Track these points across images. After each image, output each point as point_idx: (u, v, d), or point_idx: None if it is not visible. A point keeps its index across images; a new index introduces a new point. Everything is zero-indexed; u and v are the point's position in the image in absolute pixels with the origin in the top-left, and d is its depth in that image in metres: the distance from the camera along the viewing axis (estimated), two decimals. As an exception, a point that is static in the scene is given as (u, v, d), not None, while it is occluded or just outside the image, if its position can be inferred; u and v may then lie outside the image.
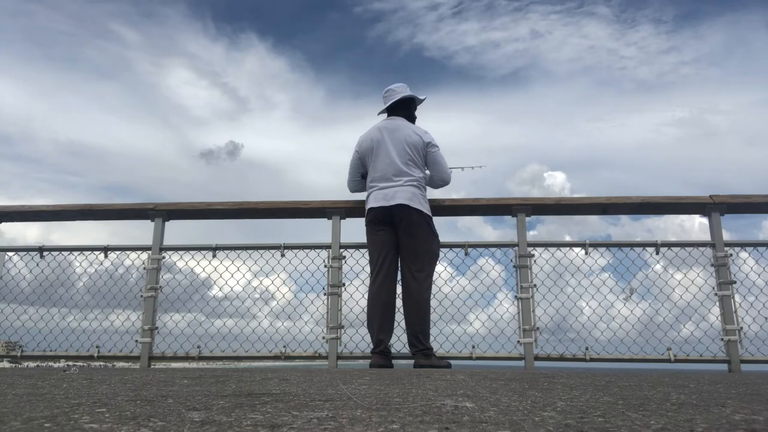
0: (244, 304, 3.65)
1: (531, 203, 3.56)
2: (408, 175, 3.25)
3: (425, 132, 3.37)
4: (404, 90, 3.47)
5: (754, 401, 0.78)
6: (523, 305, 3.36)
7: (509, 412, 0.62)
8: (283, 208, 3.71)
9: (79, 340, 3.59)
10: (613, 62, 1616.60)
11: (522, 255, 3.44)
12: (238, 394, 0.81)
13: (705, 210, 3.48)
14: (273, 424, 0.52)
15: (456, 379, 1.26)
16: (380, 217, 3.25)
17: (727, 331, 3.23)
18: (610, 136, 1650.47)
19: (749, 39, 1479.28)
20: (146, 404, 0.68)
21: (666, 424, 0.54)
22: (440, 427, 0.51)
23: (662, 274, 3.53)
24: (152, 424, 0.51)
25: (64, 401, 0.70)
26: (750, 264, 3.43)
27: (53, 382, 1.02)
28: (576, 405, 0.71)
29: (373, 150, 3.35)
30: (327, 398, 0.76)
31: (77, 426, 0.50)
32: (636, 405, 0.71)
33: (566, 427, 0.52)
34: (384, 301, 3.19)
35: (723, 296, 3.30)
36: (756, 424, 0.54)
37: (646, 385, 1.08)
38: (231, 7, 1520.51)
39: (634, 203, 3.53)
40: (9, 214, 3.90)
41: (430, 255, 3.26)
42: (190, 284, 3.68)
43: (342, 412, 0.61)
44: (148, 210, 3.71)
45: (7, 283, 3.78)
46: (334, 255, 3.54)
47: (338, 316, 3.45)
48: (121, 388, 0.89)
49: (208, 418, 0.55)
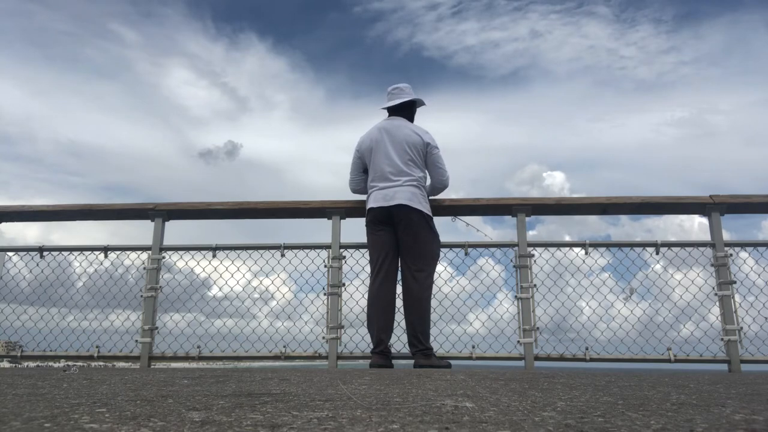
0: (244, 304, 3.66)
1: (531, 203, 3.57)
2: (408, 175, 3.25)
3: (425, 132, 3.36)
4: (411, 92, 3.48)
5: (754, 401, 0.78)
6: (523, 305, 3.36)
7: (509, 412, 0.62)
8: (283, 208, 3.71)
9: (79, 340, 3.59)
10: (613, 62, 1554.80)
11: (522, 255, 3.44)
12: (238, 394, 0.81)
13: (705, 210, 3.48)
14: (273, 424, 0.52)
15: (456, 379, 1.26)
16: (380, 217, 3.25)
17: (727, 331, 3.23)
18: (610, 136, 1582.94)
19: (749, 39, 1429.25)
20: (146, 404, 0.68)
21: (666, 424, 0.54)
22: (440, 427, 0.51)
23: (662, 274, 3.54)
24: (152, 424, 0.51)
25: (64, 401, 0.70)
26: (750, 264, 3.44)
27: (53, 382, 1.02)
28: (576, 405, 0.71)
29: (373, 150, 3.35)
30: (327, 398, 0.76)
31: (77, 426, 0.50)
32: (636, 405, 0.71)
33: (566, 427, 0.52)
34: (384, 301, 3.18)
35: (723, 296, 3.30)
36: (756, 424, 0.54)
37: (646, 385, 1.08)
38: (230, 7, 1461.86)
39: (634, 203, 3.53)
40: (9, 214, 3.90)
41: (431, 255, 3.26)
42: (189, 284, 3.69)
43: (342, 412, 0.61)
44: (148, 210, 3.71)
45: (7, 283, 3.78)
46: (334, 255, 3.54)
47: (338, 316, 3.45)
48: (121, 388, 0.89)
49: (208, 418, 0.55)
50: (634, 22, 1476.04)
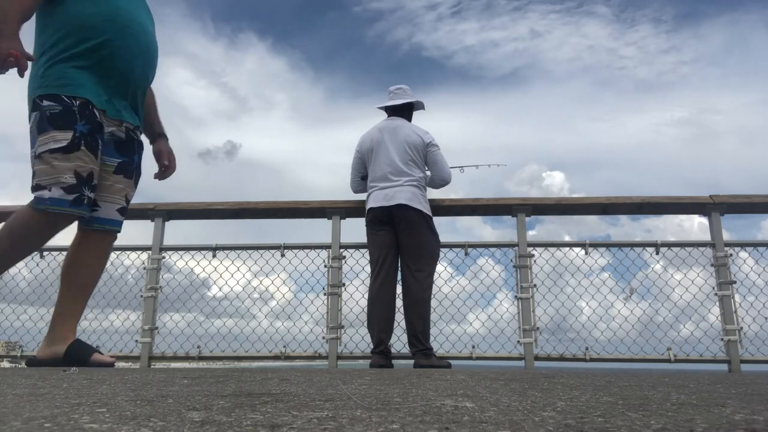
0: (244, 304, 3.66)
1: (531, 203, 3.57)
2: (408, 175, 3.25)
3: (426, 132, 3.37)
4: (411, 94, 3.50)
5: (754, 401, 0.78)
6: (523, 305, 3.36)
7: (509, 412, 0.62)
8: (283, 208, 3.71)
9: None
10: (613, 62, 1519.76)
11: (522, 255, 3.45)
12: (238, 394, 0.81)
13: (705, 210, 3.48)
14: (273, 424, 0.52)
15: (456, 379, 1.26)
16: (380, 217, 3.25)
17: (727, 331, 3.23)
18: (610, 136, 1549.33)
19: (749, 39, 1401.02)
20: (146, 404, 0.68)
21: (666, 424, 0.54)
22: (440, 427, 0.51)
23: (662, 274, 3.54)
24: (152, 424, 0.51)
25: (64, 401, 0.70)
26: (750, 264, 3.44)
27: (53, 382, 1.02)
28: (576, 405, 0.71)
29: (374, 150, 3.35)
30: (327, 398, 0.76)
31: (77, 426, 0.50)
32: (636, 405, 0.71)
33: (566, 427, 0.52)
34: (384, 301, 3.19)
35: (723, 296, 3.30)
36: (756, 424, 0.55)
37: (646, 385, 1.08)
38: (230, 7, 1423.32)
39: (634, 203, 3.54)
40: (9, 214, 3.89)
41: (431, 255, 3.26)
42: (189, 284, 3.69)
43: (342, 412, 0.61)
44: (147, 210, 3.71)
45: (7, 283, 3.78)
46: (334, 255, 3.55)
47: (338, 316, 3.45)
48: (121, 388, 0.89)
49: (208, 418, 0.55)
50: (634, 22, 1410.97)
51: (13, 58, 2.06)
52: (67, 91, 2.23)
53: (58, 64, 2.26)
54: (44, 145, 2.20)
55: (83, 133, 2.23)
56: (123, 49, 2.37)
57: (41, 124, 2.21)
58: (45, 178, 2.20)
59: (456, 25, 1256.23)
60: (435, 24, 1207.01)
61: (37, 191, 2.22)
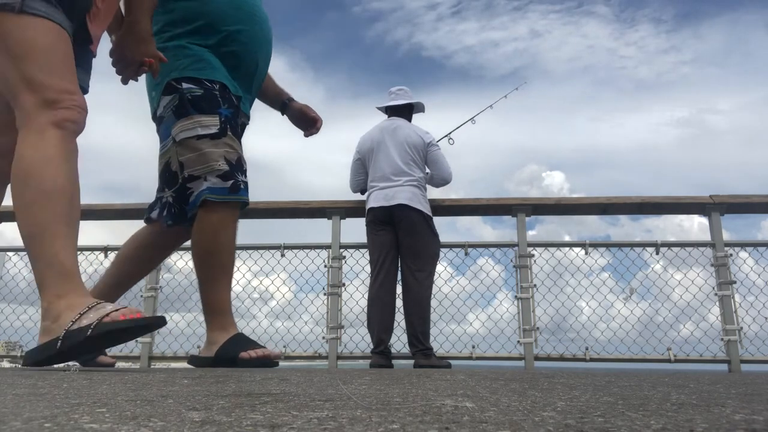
0: (244, 304, 3.66)
1: (531, 203, 3.57)
2: (408, 175, 3.26)
3: (426, 132, 3.38)
4: (412, 96, 3.51)
5: (754, 401, 0.78)
6: (523, 305, 3.36)
7: (509, 412, 0.62)
8: (283, 208, 3.72)
9: (79, 340, 3.59)
10: (613, 62, 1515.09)
11: (522, 255, 3.45)
12: (238, 394, 0.81)
13: (705, 210, 3.49)
14: (273, 424, 0.52)
15: (456, 379, 1.26)
16: (380, 217, 3.26)
17: (727, 331, 3.24)
18: (610, 135, 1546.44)
19: (749, 39, 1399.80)
20: (146, 404, 0.68)
21: (666, 424, 0.54)
22: (440, 427, 0.51)
23: (662, 274, 3.54)
24: (152, 424, 0.51)
25: (64, 401, 0.70)
26: (750, 264, 3.44)
27: (53, 382, 1.02)
28: (576, 405, 0.71)
29: (374, 150, 3.36)
30: (327, 398, 0.76)
31: (77, 426, 0.50)
32: (636, 405, 0.71)
33: (566, 427, 0.52)
34: (384, 301, 3.19)
35: (723, 296, 3.30)
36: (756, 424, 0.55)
37: (646, 385, 1.08)
38: None
39: (634, 203, 3.54)
40: (9, 214, 3.89)
41: (431, 255, 3.26)
42: (190, 284, 3.69)
43: (342, 412, 0.61)
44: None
45: (7, 283, 3.78)
46: (334, 255, 3.55)
47: (338, 316, 3.45)
48: (121, 388, 0.89)
49: (208, 418, 0.55)
50: (634, 22, 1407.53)
51: (148, 66, 1.86)
52: (205, 74, 2.07)
53: (192, 47, 2.09)
54: (189, 130, 2.02)
55: (228, 116, 2.07)
56: (252, 38, 2.21)
57: (182, 108, 2.03)
58: (198, 168, 2.02)
59: (456, 25, 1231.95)
60: (435, 24, 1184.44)
61: (191, 182, 2.04)
